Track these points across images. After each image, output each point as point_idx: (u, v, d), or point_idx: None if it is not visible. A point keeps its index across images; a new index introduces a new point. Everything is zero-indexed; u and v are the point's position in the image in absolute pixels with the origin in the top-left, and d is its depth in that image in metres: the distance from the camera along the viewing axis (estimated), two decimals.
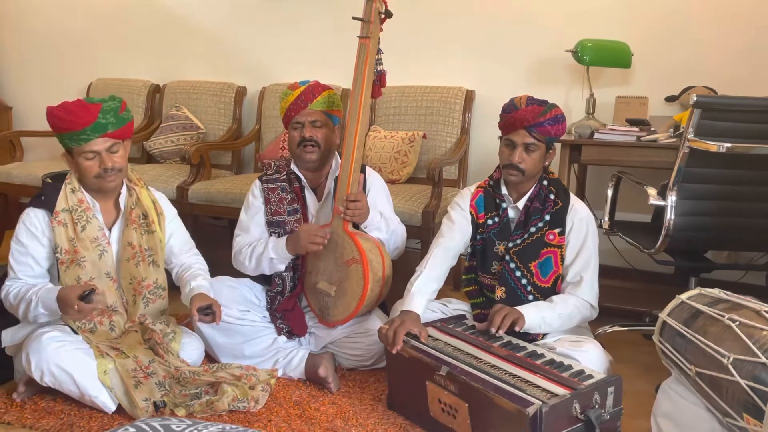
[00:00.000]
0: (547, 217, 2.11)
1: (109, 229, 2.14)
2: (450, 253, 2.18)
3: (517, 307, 2.01)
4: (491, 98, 3.37)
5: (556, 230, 2.10)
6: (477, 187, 2.25)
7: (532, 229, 2.11)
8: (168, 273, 2.26)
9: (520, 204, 2.15)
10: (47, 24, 4.38)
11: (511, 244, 2.13)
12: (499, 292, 2.11)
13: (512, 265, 2.11)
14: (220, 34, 3.95)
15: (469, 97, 3.34)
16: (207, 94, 3.83)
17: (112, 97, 2.09)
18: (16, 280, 2.06)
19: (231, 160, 3.76)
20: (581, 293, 2.07)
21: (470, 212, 2.20)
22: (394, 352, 1.93)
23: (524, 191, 2.16)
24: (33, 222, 2.06)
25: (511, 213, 2.18)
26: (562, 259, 2.10)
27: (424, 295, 2.08)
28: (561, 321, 2.03)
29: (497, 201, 2.19)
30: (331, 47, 3.61)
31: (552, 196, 2.13)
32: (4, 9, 4.52)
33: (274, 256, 2.27)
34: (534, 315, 2.00)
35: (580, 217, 2.11)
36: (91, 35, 4.27)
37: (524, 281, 2.09)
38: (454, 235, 2.19)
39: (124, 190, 2.17)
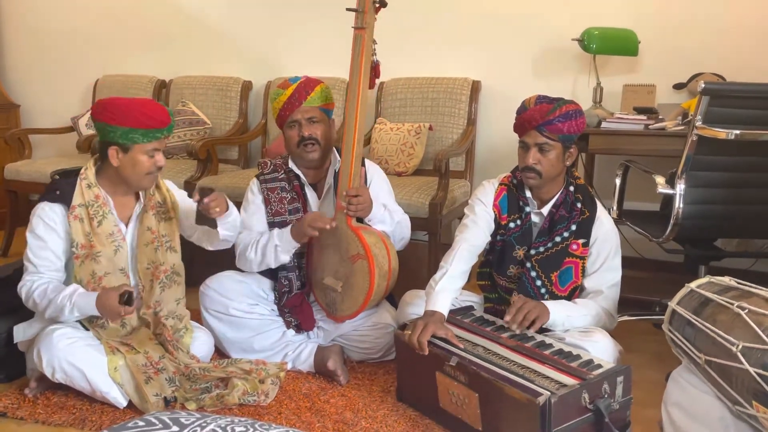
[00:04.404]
0: (573, 227, 2.05)
1: (126, 224, 2.14)
2: (475, 250, 2.11)
3: (542, 302, 1.98)
4: (498, 88, 3.36)
5: (581, 241, 2.05)
6: (500, 185, 2.16)
7: (557, 239, 2.06)
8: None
9: (545, 210, 2.10)
10: (54, 22, 4.39)
11: (533, 252, 2.08)
12: (515, 298, 2.06)
13: (533, 273, 2.07)
14: (224, 29, 3.95)
15: (476, 87, 3.32)
16: (213, 89, 3.83)
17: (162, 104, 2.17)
18: (37, 275, 2.03)
19: (238, 154, 3.77)
20: (602, 302, 2.04)
21: (493, 211, 2.14)
22: (423, 353, 1.89)
23: (549, 197, 2.10)
24: (50, 215, 2.04)
25: (535, 218, 2.12)
26: (583, 270, 2.07)
27: (449, 294, 2.00)
28: (586, 322, 2.00)
29: (521, 203, 2.12)
30: (336, 39, 3.55)
31: (579, 205, 2.07)
32: (11, 8, 4.53)
33: (279, 243, 2.23)
34: (560, 311, 1.97)
35: (605, 230, 2.06)
36: (97, 32, 4.28)
37: (543, 290, 2.06)
38: (479, 231, 2.11)
39: None
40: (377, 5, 2.20)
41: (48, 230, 2.04)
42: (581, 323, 1.99)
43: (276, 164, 2.39)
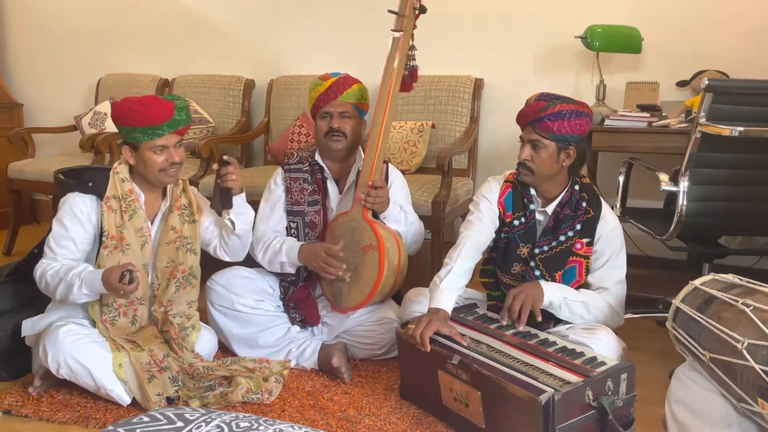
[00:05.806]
0: (578, 226, 2.04)
1: (151, 221, 2.17)
2: (480, 247, 2.10)
3: (538, 281, 1.98)
4: (500, 86, 3.36)
5: (585, 240, 2.04)
6: (505, 182, 2.15)
7: (562, 238, 2.05)
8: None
9: (549, 209, 2.08)
10: (57, 21, 4.40)
11: (537, 250, 2.07)
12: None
13: (537, 272, 2.06)
14: (227, 28, 3.95)
15: (478, 85, 3.32)
16: (216, 88, 3.84)
17: (176, 97, 2.14)
18: (53, 260, 2.05)
19: (240, 153, 3.77)
20: (607, 299, 2.04)
21: (498, 208, 2.13)
22: (426, 351, 1.88)
23: (553, 195, 2.08)
24: (79, 206, 2.07)
25: (539, 216, 2.11)
26: (587, 270, 2.06)
27: (453, 292, 2.00)
28: (586, 310, 1.99)
29: (525, 201, 2.12)
30: (338, 39, 3.60)
31: (584, 204, 2.06)
32: (15, 6, 4.54)
33: (286, 260, 2.29)
34: (555, 292, 1.96)
35: (610, 228, 2.05)
36: (99, 31, 4.28)
37: None
38: (484, 228, 2.11)
39: None
40: (417, 12, 2.29)
41: (74, 220, 2.07)
42: (581, 311, 1.99)
43: (302, 156, 2.45)
